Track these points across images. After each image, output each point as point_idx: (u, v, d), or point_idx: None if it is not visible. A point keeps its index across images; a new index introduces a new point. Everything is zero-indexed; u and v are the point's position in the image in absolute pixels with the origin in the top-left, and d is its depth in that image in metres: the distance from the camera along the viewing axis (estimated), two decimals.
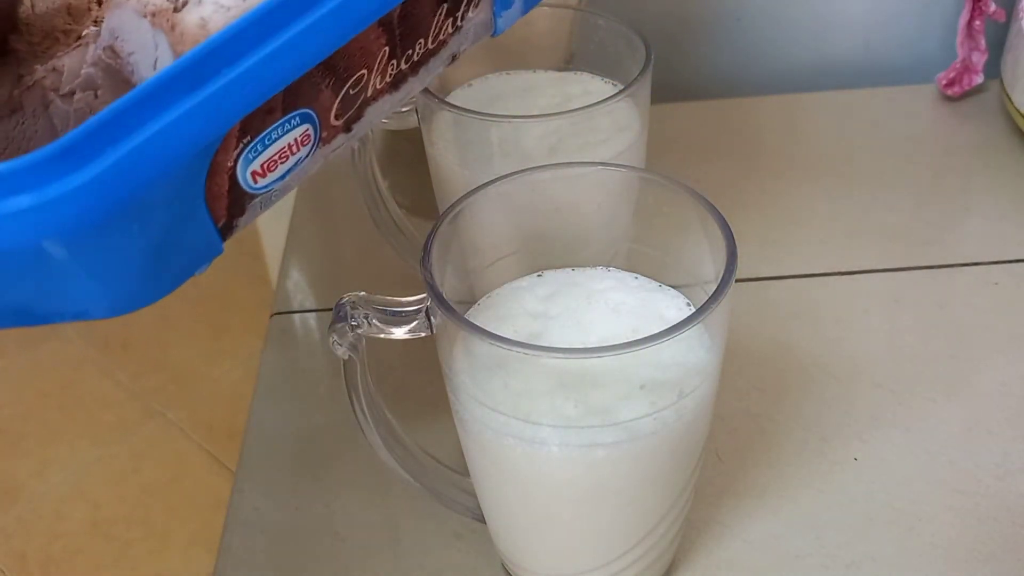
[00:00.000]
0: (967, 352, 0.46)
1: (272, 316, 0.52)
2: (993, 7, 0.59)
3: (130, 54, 0.30)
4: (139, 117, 0.24)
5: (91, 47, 0.32)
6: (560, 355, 0.29)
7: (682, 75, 0.68)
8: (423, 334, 0.33)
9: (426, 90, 0.40)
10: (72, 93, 0.32)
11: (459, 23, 0.33)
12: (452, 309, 0.30)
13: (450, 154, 0.42)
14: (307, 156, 0.30)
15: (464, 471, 0.36)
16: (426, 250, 0.32)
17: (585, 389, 0.30)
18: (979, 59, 0.61)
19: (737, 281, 0.30)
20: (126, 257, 0.26)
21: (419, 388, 0.46)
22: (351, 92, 0.30)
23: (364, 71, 0.30)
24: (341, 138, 0.31)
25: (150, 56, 0.30)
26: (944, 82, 0.62)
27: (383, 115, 0.33)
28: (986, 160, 0.58)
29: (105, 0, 0.32)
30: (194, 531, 1.12)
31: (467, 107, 0.40)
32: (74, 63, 0.32)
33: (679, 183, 0.33)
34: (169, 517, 1.14)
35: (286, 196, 0.32)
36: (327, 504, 0.42)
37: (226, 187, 0.28)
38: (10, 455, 1.23)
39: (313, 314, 0.52)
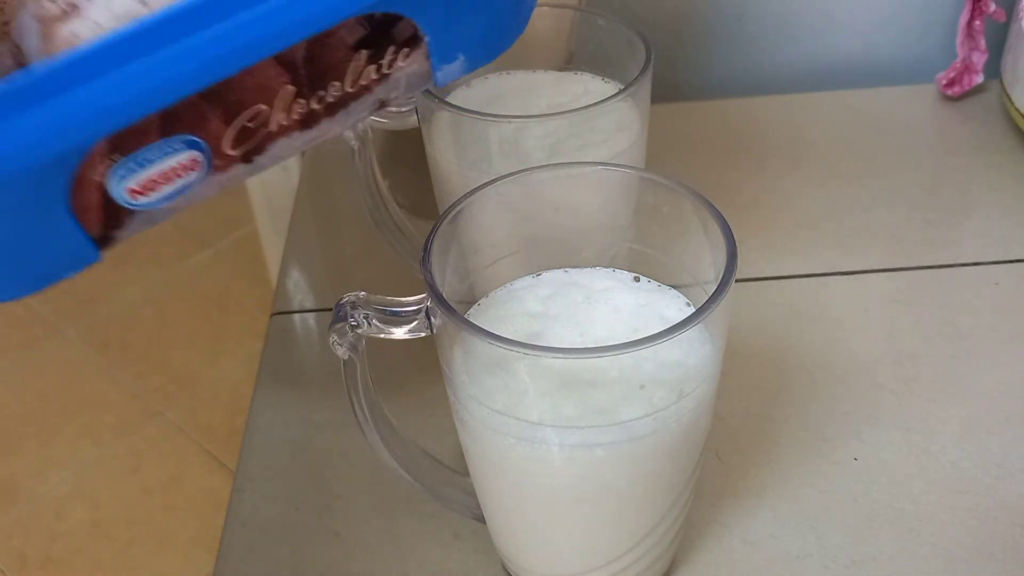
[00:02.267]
0: (967, 352, 0.46)
1: (272, 316, 0.52)
2: (993, 7, 0.59)
3: (27, 53, 0.31)
4: None
5: (9, 38, 0.32)
6: (560, 355, 0.29)
7: (682, 75, 0.68)
8: (423, 334, 0.33)
9: (426, 90, 0.40)
10: None
11: (385, 71, 0.33)
12: (452, 309, 0.30)
13: (450, 154, 0.42)
14: (198, 181, 0.30)
15: (464, 471, 0.36)
16: (426, 250, 0.32)
17: (585, 389, 0.30)
18: (979, 59, 0.61)
19: (737, 281, 0.30)
20: None
21: (419, 388, 0.46)
22: (248, 125, 0.30)
23: (263, 106, 0.30)
24: (240, 168, 0.31)
25: (35, 60, 0.30)
26: (944, 82, 0.62)
27: (294, 151, 0.33)
28: (986, 160, 0.58)
29: None
30: (194, 531, 1.12)
31: (467, 107, 0.40)
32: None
33: (679, 183, 0.33)
34: (169, 517, 1.14)
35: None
36: (327, 504, 0.42)
37: (97, 200, 0.29)
38: (10, 455, 1.23)
39: (313, 314, 0.52)
